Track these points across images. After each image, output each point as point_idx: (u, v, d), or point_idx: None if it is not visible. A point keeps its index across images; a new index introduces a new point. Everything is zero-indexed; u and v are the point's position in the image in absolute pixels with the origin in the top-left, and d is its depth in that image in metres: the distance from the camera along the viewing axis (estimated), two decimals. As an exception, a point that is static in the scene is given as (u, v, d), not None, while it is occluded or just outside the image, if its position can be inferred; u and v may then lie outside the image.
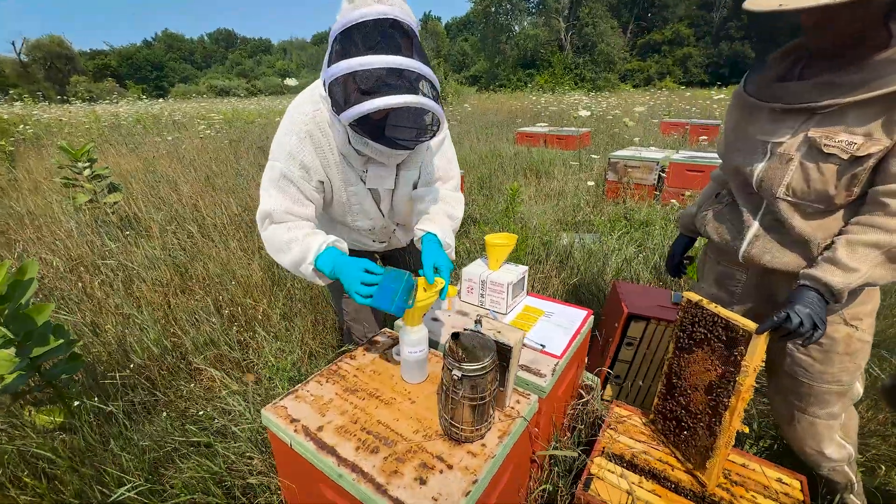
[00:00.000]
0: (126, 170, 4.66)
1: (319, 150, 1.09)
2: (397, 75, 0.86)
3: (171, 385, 1.75)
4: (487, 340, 0.90)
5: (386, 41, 0.85)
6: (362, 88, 0.86)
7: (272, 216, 1.10)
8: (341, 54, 0.86)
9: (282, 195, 1.10)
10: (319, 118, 1.06)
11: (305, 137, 1.07)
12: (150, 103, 16.58)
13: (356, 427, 0.98)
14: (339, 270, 1.04)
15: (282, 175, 1.09)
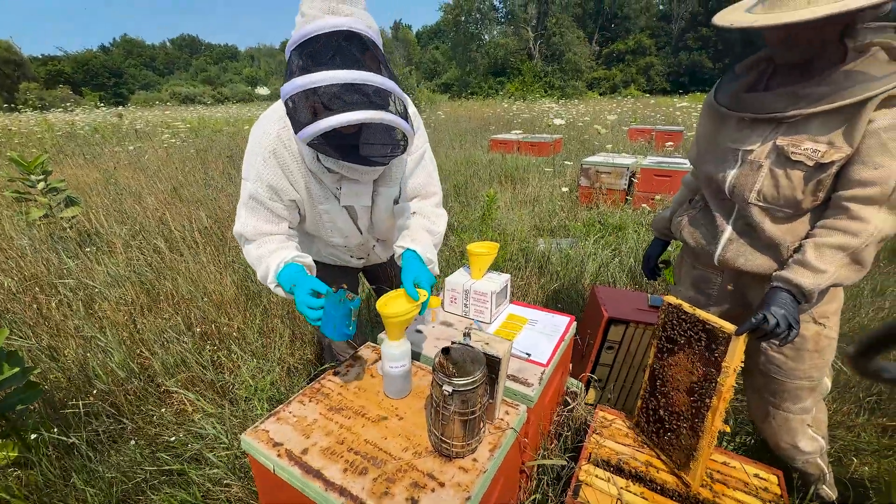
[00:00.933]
0: (84, 182, 4.40)
1: (286, 169, 1.05)
2: (353, 90, 0.80)
3: (139, 410, 1.65)
4: (477, 353, 0.89)
5: (340, 55, 0.80)
6: (316, 106, 0.81)
7: (244, 236, 1.12)
8: (296, 71, 0.82)
9: (252, 216, 1.10)
10: (285, 136, 1.02)
11: (270, 157, 1.03)
12: (110, 111, 15.84)
13: (343, 448, 0.94)
14: (294, 291, 1.01)
15: (250, 196, 1.08)
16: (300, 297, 0.97)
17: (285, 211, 1.11)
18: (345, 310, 0.94)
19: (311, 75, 0.79)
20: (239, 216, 1.12)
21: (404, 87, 15.54)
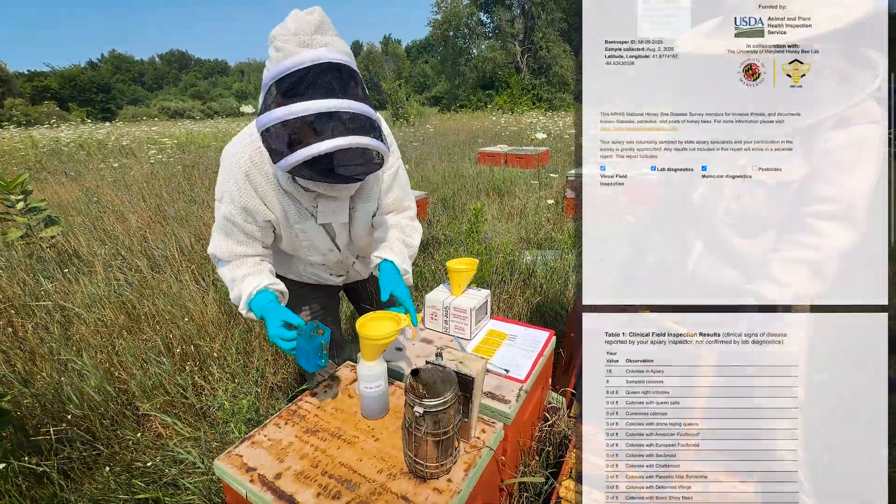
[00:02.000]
0: (66, 200, 4.35)
1: (260, 191, 1.07)
2: (329, 118, 0.84)
3: (115, 436, 1.61)
4: (448, 374, 0.90)
5: (314, 86, 0.84)
6: (292, 136, 0.85)
7: (217, 257, 1.15)
8: (271, 104, 0.86)
9: (225, 238, 1.12)
10: (258, 158, 1.04)
11: (244, 181, 1.05)
12: (96, 127, 15.71)
13: (317, 471, 0.94)
14: (265, 318, 1.05)
15: (224, 218, 1.09)
16: (272, 329, 1.02)
17: (259, 232, 1.13)
18: (316, 343, 0.97)
19: (290, 107, 0.83)
20: (213, 237, 1.14)
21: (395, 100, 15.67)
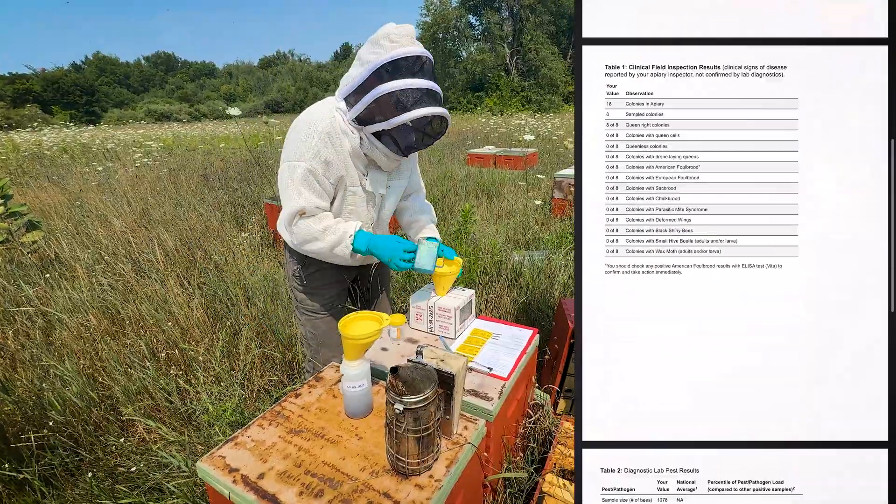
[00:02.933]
0: (48, 205, 4.28)
1: (337, 148, 1.26)
2: (433, 93, 1.18)
3: (98, 441, 1.60)
4: (429, 371, 0.92)
5: (424, 71, 1.17)
6: (410, 101, 1.14)
7: (306, 210, 1.26)
8: (389, 77, 1.13)
9: (310, 191, 1.26)
10: (335, 125, 1.24)
11: (326, 137, 1.23)
12: (80, 130, 15.46)
13: (300, 471, 0.94)
14: (375, 246, 1.31)
15: (308, 171, 1.23)
16: (394, 245, 1.31)
17: (331, 188, 1.30)
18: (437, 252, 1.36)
19: (413, 80, 1.14)
20: (297, 193, 1.24)
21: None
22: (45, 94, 52.16)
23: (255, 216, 4.12)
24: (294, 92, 54.68)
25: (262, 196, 4.27)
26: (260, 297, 2.37)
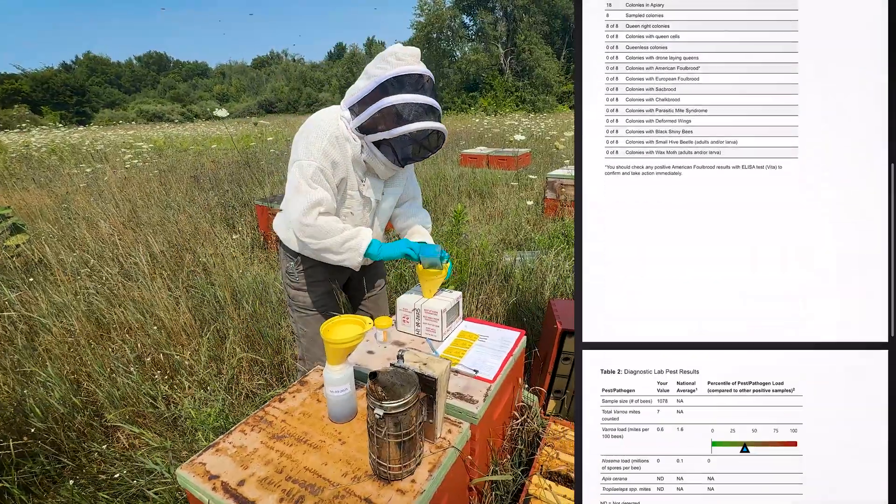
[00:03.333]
0: (35, 207, 4.22)
1: (342, 151, 1.34)
2: (432, 109, 1.28)
3: (81, 448, 1.58)
4: (409, 375, 0.91)
5: (426, 89, 1.27)
6: (411, 114, 1.24)
7: (322, 204, 1.32)
8: (393, 91, 1.23)
9: (321, 188, 1.32)
10: (341, 130, 1.33)
11: (334, 140, 1.32)
12: (70, 131, 15.26)
13: (281, 477, 0.93)
14: (385, 250, 1.43)
15: (318, 169, 1.30)
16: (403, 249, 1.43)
17: (335, 189, 1.37)
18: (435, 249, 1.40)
19: (415, 95, 1.24)
20: (312, 188, 1.30)
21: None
22: (34, 95, 51.52)
23: (245, 218, 4.09)
24: (288, 92, 54.43)
25: (254, 198, 4.24)
26: (249, 300, 2.35)
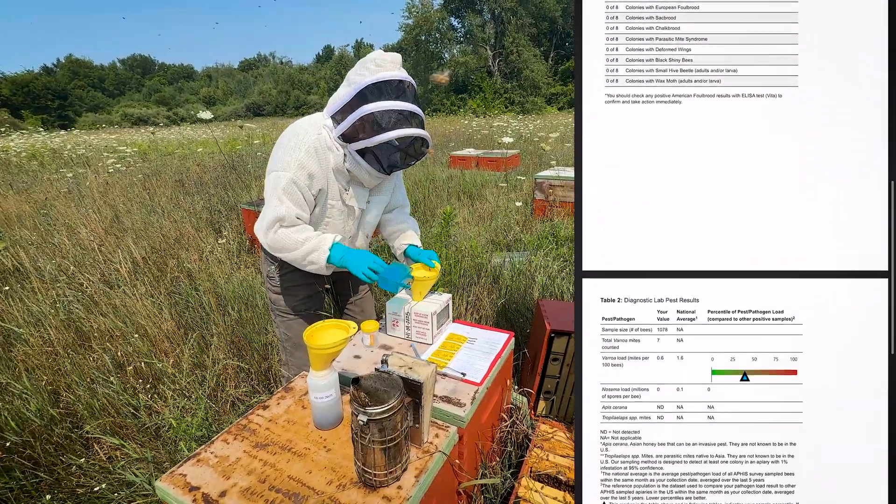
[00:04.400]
0: (13, 214, 4.11)
1: (321, 163, 1.31)
2: (415, 116, 1.25)
3: (59, 461, 1.53)
4: (394, 380, 0.90)
5: (406, 95, 1.24)
6: (392, 121, 1.20)
7: (284, 220, 1.29)
8: (373, 98, 1.20)
9: (291, 201, 1.29)
10: (321, 140, 1.30)
11: (312, 152, 1.29)
12: (52, 135, 14.93)
13: (264, 487, 0.91)
14: (348, 259, 1.34)
15: (291, 182, 1.27)
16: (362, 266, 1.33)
17: (312, 200, 1.34)
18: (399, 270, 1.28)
19: (397, 102, 1.21)
20: (279, 202, 1.28)
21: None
22: (14, 99, 50.30)
23: (232, 222, 4.03)
24: (275, 95, 53.97)
25: (240, 202, 4.18)
26: (235, 306, 2.31)
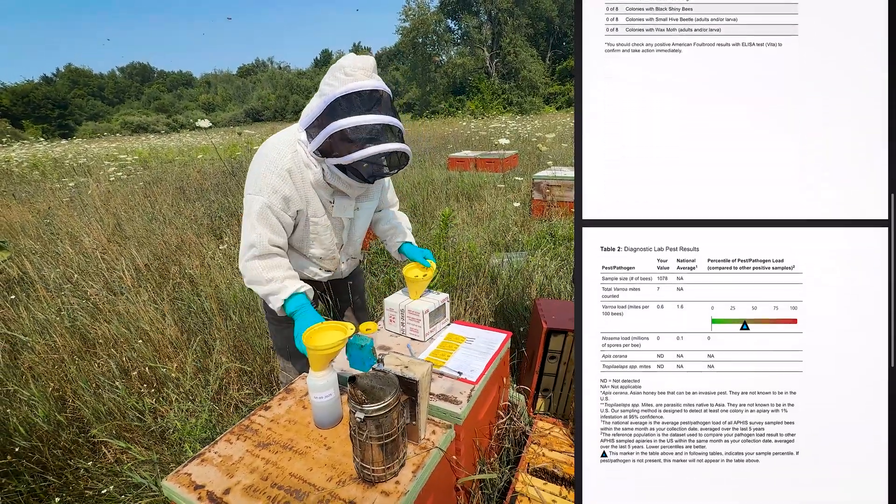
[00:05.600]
0: (16, 224, 4.16)
1: (297, 184, 1.27)
2: (391, 128, 1.16)
3: (67, 465, 1.56)
4: (389, 378, 0.93)
5: (379, 105, 1.14)
6: (364, 137, 1.12)
7: (256, 247, 1.25)
8: (342, 113, 1.12)
9: (264, 227, 1.25)
10: (297, 159, 1.25)
11: (286, 175, 1.24)
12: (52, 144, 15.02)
13: (266, 484, 0.94)
14: (299, 315, 1.25)
15: (265, 206, 1.23)
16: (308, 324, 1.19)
17: (290, 221, 1.30)
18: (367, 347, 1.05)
19: (370, 116, 1.12)
20: (252, 228, 1.25)
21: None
22: (14, 109, 50.61)
23: (233, 227, 4.07)
24: (274, 100, 54.17)
25: (239, 207, 4.22)
26: (236, 310, 2.34)
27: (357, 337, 1.05)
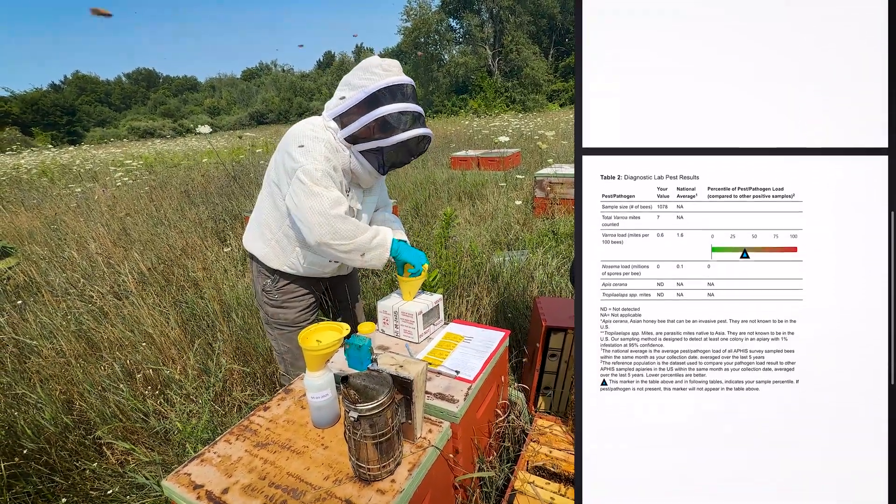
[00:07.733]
0: (25, 230, 4.23)
1: (338, 159, 1.35)
2: (420, 116, 1.34)
3: (74, 467, 1.59)
4: (383, 377, 0.93)
5: (413, 97, 1.32)
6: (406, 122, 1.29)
7: (340, 203, 1.30)
8: (386, 101, 1.27)
9: (333, 187, 1.31)
10: (331, 143, 1.34)
11: (332, 147, 1.34)
12: (61, 151, 15.23)
13: (264, 483, 0.96)
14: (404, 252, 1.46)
15: (325, 173, 1.30)
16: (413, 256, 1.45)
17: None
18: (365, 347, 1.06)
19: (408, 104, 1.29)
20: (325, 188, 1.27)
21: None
22: (24, 116, 51.40)
23: (236, 230, 4.10)
24: (278, 102, 54.51)
25: (243, 210, 4.25)
26: (239, 312, 2.36)
27: (355, 337, 1.06)
